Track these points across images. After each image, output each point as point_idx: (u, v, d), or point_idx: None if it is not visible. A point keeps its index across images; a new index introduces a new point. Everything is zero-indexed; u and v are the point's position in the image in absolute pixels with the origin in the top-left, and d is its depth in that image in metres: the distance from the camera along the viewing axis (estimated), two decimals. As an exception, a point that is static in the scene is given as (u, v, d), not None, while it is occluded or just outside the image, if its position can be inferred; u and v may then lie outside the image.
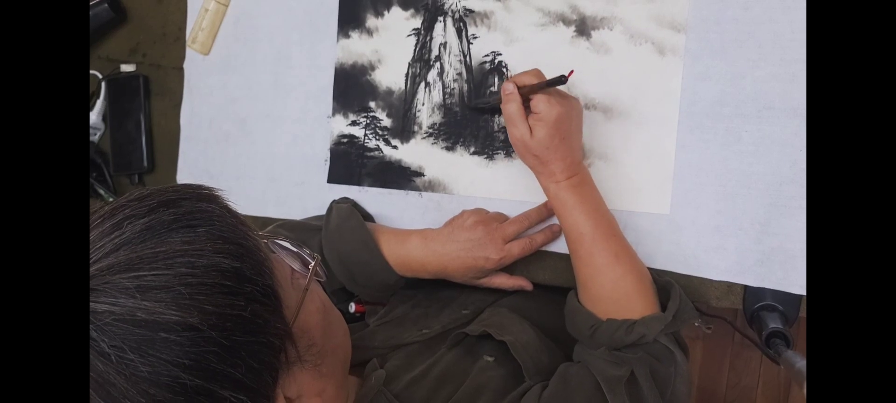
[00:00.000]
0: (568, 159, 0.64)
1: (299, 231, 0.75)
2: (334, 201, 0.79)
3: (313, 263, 0.49)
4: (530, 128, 0.63)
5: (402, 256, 0.71)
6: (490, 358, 0.61)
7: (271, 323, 0.42)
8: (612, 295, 0.63)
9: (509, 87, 0.64)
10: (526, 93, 0.64)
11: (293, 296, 0.45)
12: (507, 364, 0.60)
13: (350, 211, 0.74)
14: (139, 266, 0.38)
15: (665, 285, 0.65)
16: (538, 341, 0.64)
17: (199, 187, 0.44)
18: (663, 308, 0.63)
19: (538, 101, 0.62)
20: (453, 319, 0.69)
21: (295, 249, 0.50)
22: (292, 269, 0.48)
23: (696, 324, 0.64)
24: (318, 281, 0.50)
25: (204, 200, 0.42)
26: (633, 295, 0.62)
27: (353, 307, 0.72)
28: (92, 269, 0.38)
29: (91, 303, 0.37)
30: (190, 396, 0.37)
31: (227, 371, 0.39)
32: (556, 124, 0.62)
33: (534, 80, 0.64)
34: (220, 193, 0.44)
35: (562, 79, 0.60)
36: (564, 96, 0.64)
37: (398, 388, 0.56)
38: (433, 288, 0.75)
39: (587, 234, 0.64)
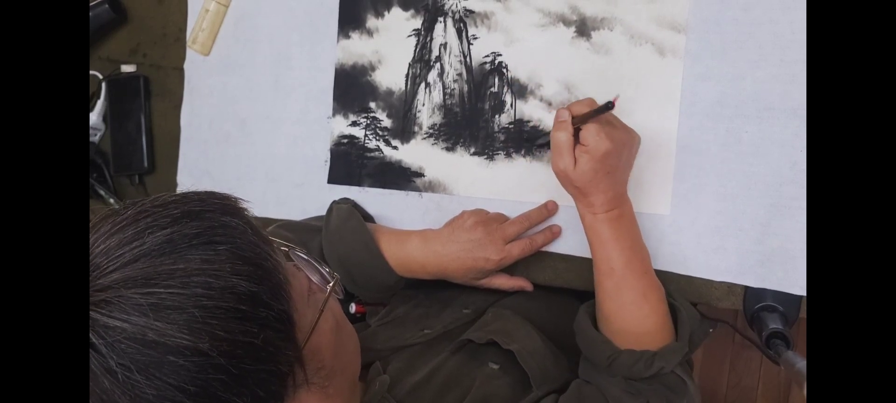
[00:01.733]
0: (610, 193, 0.61)
1: (299, 231, 0.75)
2: (334, 201, 0.79)
3: (332, 282, 0.48)
4: (575, 160, 0.60)
5: (401, 257, 0.71)
6: (495, 366, 0.61)
7: (282, 351, 0.41)
8: (635, 331, 0.61)
9: (564, 114, 0.61)
10: (578, 124, 0.61)
11: (307, 316, 0.44)
12: (513, 371, 0.60)
13: (350, 212, 0.74)
14: (155, 281, 0.37)
15: (672, 307, 0.64)
16: (544, 347, 0.64)
17: (225, 198, 0.43)
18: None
19: (587, 132, 0.60)
20: (455, 319, 0.69)
21: (315, 263, 0.49)
22: (310, 283, 0.47)
23: (710, 330, 0.64)
24: (338, 298, 0.49)
25: (228, 213, 0.42)
26: (655, 333, 0.62)
27: (353, 307, 0.72)
28: (109, 279, 0.37)
29: (104, 318, 0.36)
30: None
31: (231, 400, 0.38)
32: (602, 158, 0.59)
33: (586, 109, 0.61)
34: (245, 206, 0.44)
35: (608, 106, 0.57)
36: (622, 130, 0.62)
37: (402, 394, 0.56)
38: (433, 288, 0.75)
39: (618, 270, 0.62)
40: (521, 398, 0.58)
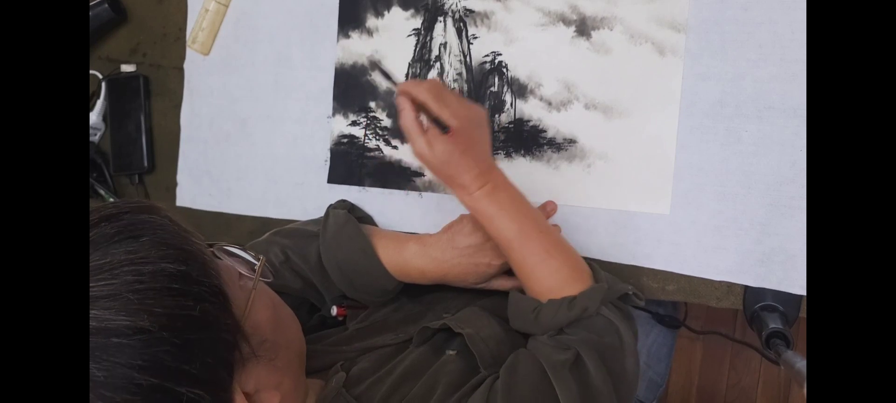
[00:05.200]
0: (474, 170, 0.62)
1: (296, 237, 0.74)
2: (331, 206, 0.78)
3: (259, 264, 0.51)
4: (429, 143, 0.61)
5: (400, 264, 0.70)
6: (452, 352, 0.61)
7: (221, 321, 0.44)
8: (552, 287, 0.62)
9: (401, 101, 0.62)
10: (420, 107, 0.62)
11: (241, 297, 0.47)
12: (469, 357, 0.60)
13: (347, 218, 0.73)
14: None
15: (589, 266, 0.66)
16: (503, 335, 0.64)
17: (141, 201, 0.46)
18: None
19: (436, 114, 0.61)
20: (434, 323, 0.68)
21: (240, 253, 0.51)
22: (240, 273, 0.50)
23: (630, 292, 0.63)
24: (265, 281, 0.51)
25: (145, 212, 0.44)
26: (570, 282, 0.62)
27: (334, 310, 0.72)
28: None
29: None
30: (147, 395, 0.39)
31: (182, 368, 0.40)
32: (452, 138, 0.61)
33: (427, 96, 0.61)
34: (161, 206, 0.46)
35: (444, 129, 0.60)
36: (464, 107, 0.62)
37: (360, 390, 0.57)
38: (419, 292, 0.74)
39: (514, 239, 0.63)
40: (470, 380, 0.57)
